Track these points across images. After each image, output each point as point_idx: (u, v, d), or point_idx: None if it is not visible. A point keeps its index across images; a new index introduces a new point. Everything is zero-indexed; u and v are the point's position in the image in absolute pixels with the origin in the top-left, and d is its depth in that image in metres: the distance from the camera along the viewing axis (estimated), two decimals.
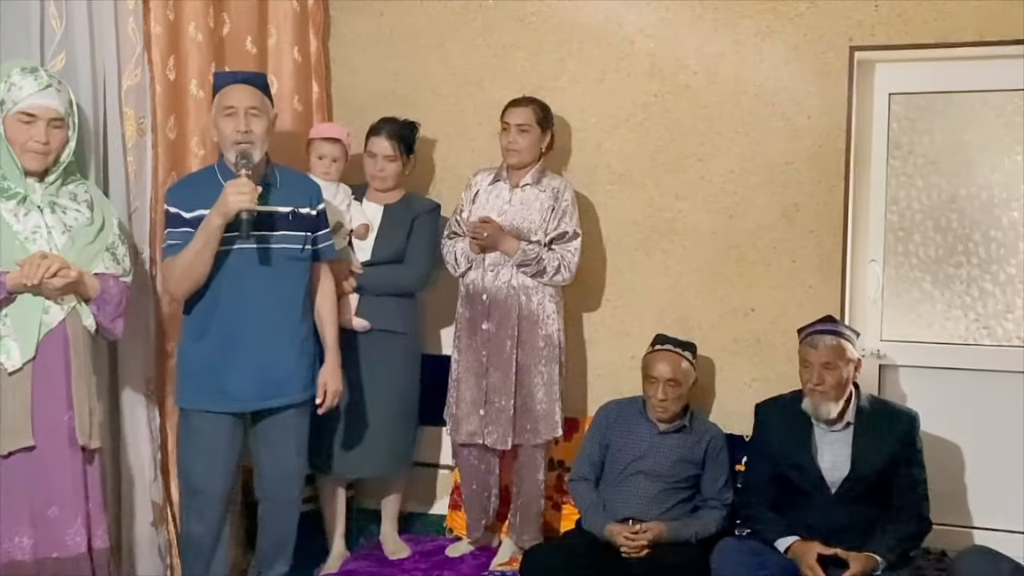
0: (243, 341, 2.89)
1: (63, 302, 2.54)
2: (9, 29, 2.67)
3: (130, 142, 2.98)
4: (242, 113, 2.85)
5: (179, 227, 2.83)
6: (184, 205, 2.84)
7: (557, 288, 3.46)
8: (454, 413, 3.50)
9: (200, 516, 2.96)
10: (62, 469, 2.57)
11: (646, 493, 3.15)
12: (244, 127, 2.84)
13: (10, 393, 2.48)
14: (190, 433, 2.96)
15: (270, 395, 2.95)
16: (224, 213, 2.74)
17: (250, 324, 2.89)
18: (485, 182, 3.52)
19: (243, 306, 2.88)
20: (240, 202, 2.72)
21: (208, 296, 2.88)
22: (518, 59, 3.78)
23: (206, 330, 2.89)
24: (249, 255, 2.87)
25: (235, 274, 2.87)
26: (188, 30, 3.20)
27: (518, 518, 3.56)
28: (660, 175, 3.65)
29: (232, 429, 2.94)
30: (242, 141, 2.84)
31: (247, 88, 2.90)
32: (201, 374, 2.91)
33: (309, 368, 3.04)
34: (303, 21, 3.74)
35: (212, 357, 2.89)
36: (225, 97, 2.88)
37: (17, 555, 2.53)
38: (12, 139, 2.50)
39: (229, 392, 2.89)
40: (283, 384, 2.96)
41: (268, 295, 2.91)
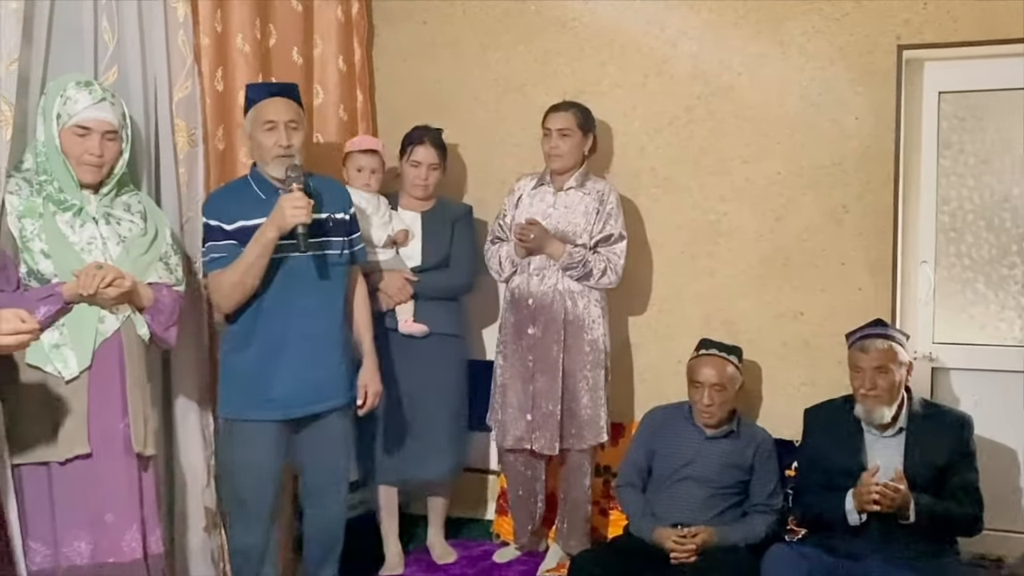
0: (287, 348, 2.91)
1: (118, 311, 2.57)
2: (62, 43, 2.70)
3: (181, 153, 3.02)
4: (283, 127, 2.88)
5: (221, 239, 2.85)
6: (224, 218, 2.86)
7: (602, 292, 3.44)
8: (500, 419, 3.50)
9: (247, 527, 2.98)
10: (118, 476, 2.60)
11: (694, 499, 3.12)
12: (286, 141, 2.87)
13: (67, 401, 2.51)
14: (234, 444, 2.97)
15: (314, 400, 2.97)
16: (281, 227, 2.77)
17: (294, 331, 2.91)
18: (528, 186, 3.52)
19: (287, 314, 2.90)
20: (297, 216, 2.75)
21: (251, 306, 2.90)
22: (559, 64, 3.78)
23: (250, 339, 2.91)
24: (293, 263, 2.89)
25: (279, 283, 2.89)
26: (235, 41, 3.24)
27: (565, 524, 3.55)
28: (704, 178, 3.63)
29: (277, 437, 2.96)
30: (283, 155, 2.87)
31: (285, 101, 2.92)
32: (245, 384, 2.92)
33: (350, 371, 3.07)
34: (347, 31, 3.78)
35: (257, 366, 2.91)
36: (264, 111, 2.90)
37: (75, 560, 2.56)
38: (68, 152, 2.54)
39: (274, 400, 2.91)
40: (326, 388, 2.99)
41: (311, 301, 2.93)
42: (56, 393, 2.50)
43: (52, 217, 2.53)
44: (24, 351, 2.42)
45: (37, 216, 2.51)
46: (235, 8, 3.24)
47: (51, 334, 2.48)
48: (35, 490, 2.53)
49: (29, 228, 2.49)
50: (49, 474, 2.54)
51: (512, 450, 3.51)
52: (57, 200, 2.55)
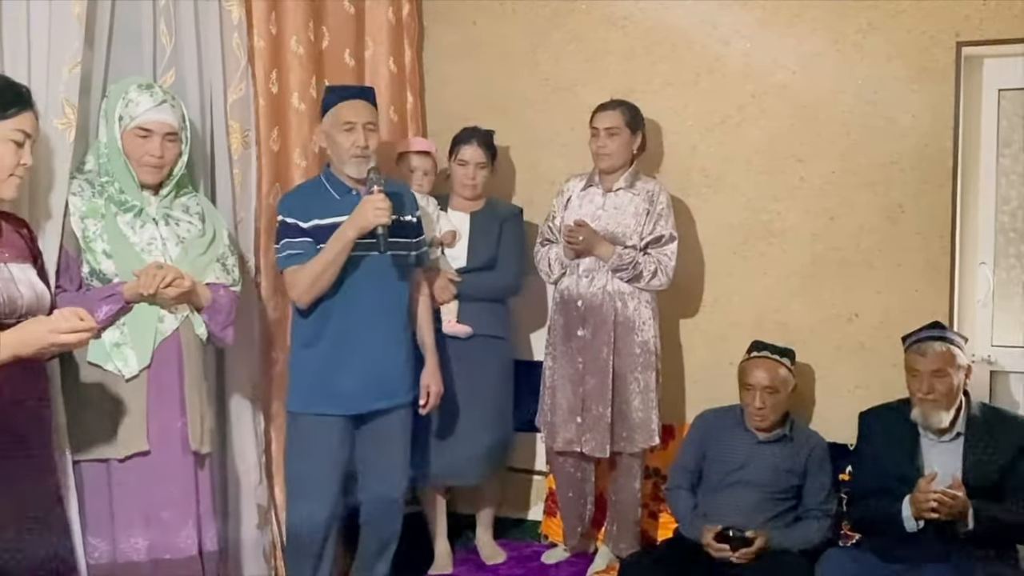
0: (355, 345, 2.96)
1: (177, 311, 2.61)
2: (122, 47, 2.75)
3: (236, 154, 3.05)
4: (361, 128, 2.92)
5: (297, 236, 2.91)
6: (300, 215, 2.92)
7: (653, 294, 3.42)
8: (549, 420, 3.50)
9: (309, 520, 3.01)
10: (175, 473, 2.63)
11: (746, 503, 3.09)
12: (364, 142, 2.92)
13: (127, 399, 2.55)
14: (300, 438, 3.02)
15: (379, 397, 3.01)
16: (362, 227, 2.82)
17: (361, 329, 2.96)
18: (577, 187, 3.51)
19: (355, 312, 2.95)
20: (379, 217, 2.80)
21: (321, 304, 2.95)
22: (610, 63, 3.77)
23: (319, 336, 2.97)
24: (364, 263, 2.94)
25: (350, 281, 2.94)
26: (290, 43, 3.27)
27: (615, 526, 3.53)
28: (757, 177, 3.60)
29: (342, 432, 3.00)
30: (360, 156, 2.92)
31: (364, 103, 2.98)
32: (313, 379, 2.98)
33: (413, 370, 3.11)
34: (398, 33, 3.80)
35: (324, 362, 2.96)
36: (343, 112, 2.95)
37: (133, 556, 2.60)
38: (129, 153, 2.58)
39: (341, 395, 2.96)
40: (391, 386, 3.03)
41: (378, 301, 2.98)
42: (116, 391, 2.54)
43: (114, 218, 2.57)
44: (85, 349, 2.46)
45: (99, 217, 2.55)
46: (289, 10, 3.26)
47: (112, 333, 2.51)
48: (94, 486, 2.58)
49: (91, 228, 2.54)
50: (108, 471, 2.58)
51: (562, 452, 3.50)
52: (118, 201, 2.59)
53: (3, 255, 2.12)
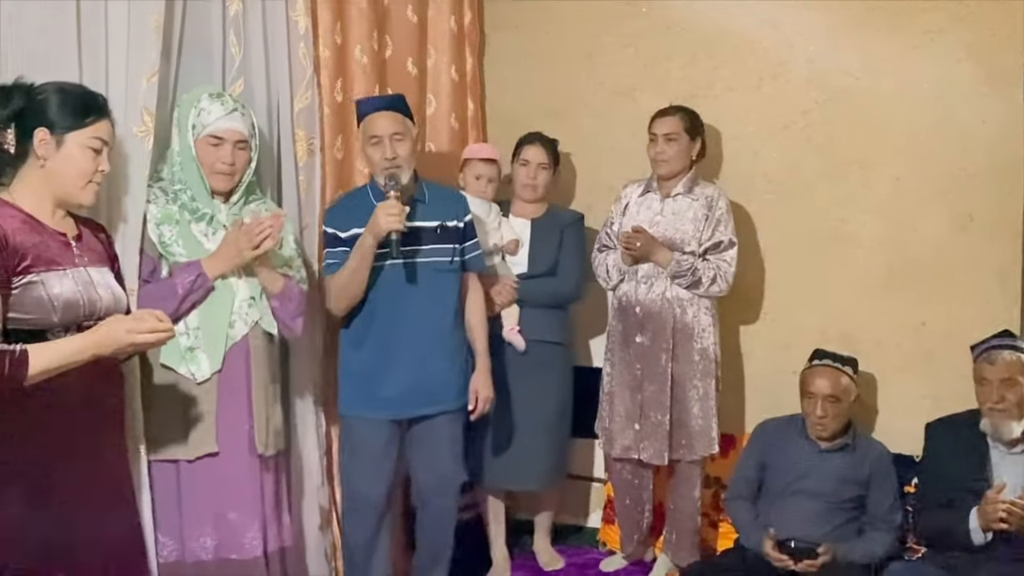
0: (398, 350, 2.98)
1: (247, 316, 2.67)
2: (193, 57, 2.81)
3: (301, 162, 3.10)
4: (387, 140, 2.94)
5: (336, 247, 2.96)
6: (339, 225, 2.97)
7: (712, 300, 3.40)
8: (607, 427, 3.49)
9: (360, 520, 3.05)
10: (242, 475, 2.68)
11: (808, 513, 3.05)
12: (391, 154, 2.93)
13: (198, 402, 2.61)
14: (350, 439, 3.07)
15: (425, 402, 3.02)
16: (376, 233, 2.84)
17: (405, 334, 2.98)
18: (635, 193, 3.50)
19: (398, 317, 2.97)
20: (390, 223, 2.81)
21: (365, 308, 2.99)
22: (670, 68, 3.75)
23: (364, 340, 3.00)
24: (402, 269, 2.96)
25: (390, 287, 2.97)
26: (354, 53, 3.31)
27: (674, 535, 3.51)
28: (821, 183, 3.56)
29: (389, 435, 3.02)
30: (390, 167, 2.93)
31: (389, 114, 2.98)
32: (359, 382, 3.01)
33: (461, 375, 3.11)
34: (460, 41, 3.83)
35: (369, 366, 2.99)
36: (370, 126, 2.98)
37: (201, 555, 2.66)
38: (202, 161, 2.64)
39: (386, 399, 2.98)
40: (437, 391, 3.04)
41: (421, 306, 2.99)
42: (188, 394, 2.60)
43: (187, 225, 2.64)
44: (160, 352, 2.54)
45: (174, 223, 2.62)
46: (354, 20, 3.31)
47: (186, 338, 2.58)
48: (164, 486, 2.64)
49: (167, 234, 2.60)
50: (178, 471, 2.64)
51: (620, 459, 3.49)
52: (191, 208, 2.65)
53: (83, 259, 2.19)
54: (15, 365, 1.96)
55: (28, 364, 1.97)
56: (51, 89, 2.15)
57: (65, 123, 2.13)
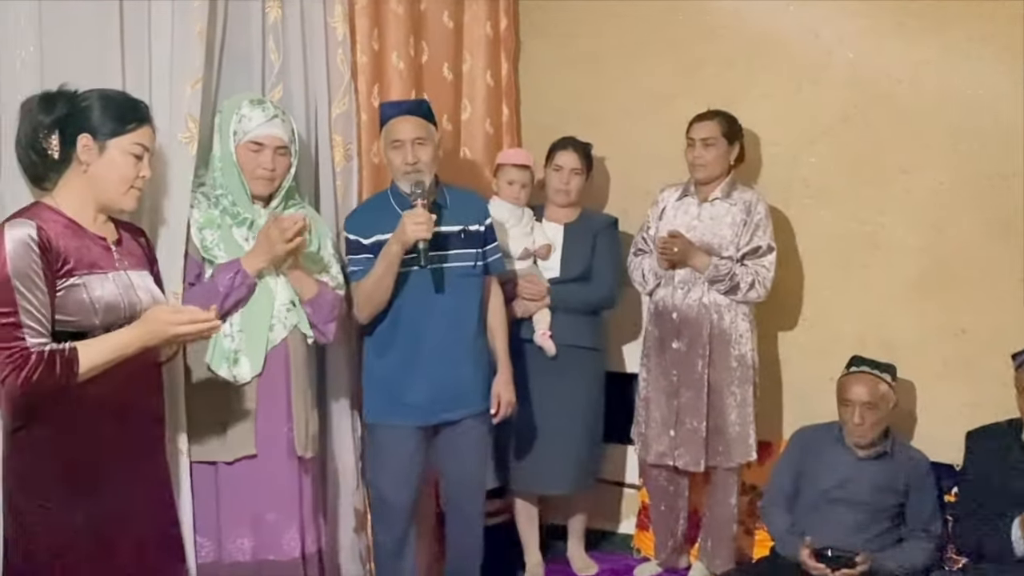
0: (423, 356, 2.97)
1: (286, 320, 2.70)
2: (233, 63, 2.85)
3: (339, 167, 3.13)
4: (408, 145, 2.94)
5: (359, 253, 2.95)
6: (362, 232, 2.96)
7: (751, 306, 3.37)
8: (643, 433, 3.48)
9: (387, 526, 3.06)
10: (280, 477, 2.71)
11: (846, 522, 3.02)
12: (412, 158, 2.93)
13: (238, 404, 2.64)
14: (376, 446, 3.07)
15: (450, 407, 3.02)
16: (403, 242, 2.84)
17: (429, 340, 2.97)
18: (672, 198, 3.49)
19: (422, 323, 2.97)
20: (418, 232, 2.80)
21: (390, 315, 2.98)
22: (708, 74, 3.73)
23: (388, 347, 3.00)
24: (426, 275, 2.95)
25: (414, 294, 2.96)
26: (391, 59, 3.34)
27: (709, 542, 3.49)
28: (861, 188, 3.51)
29: (415, 441, 3.02)
30: (411, 171, 2.93)
31: (411, 119, 2.98)
32: (384, 389, 3.01)
33: (485, 379, 3.11)
34: (495, 47, 3.84)
35: (394, 372, 2.99)
36: (392, 131, 2.98)
37: (238, 557, 2.69)
38: (243, 166, 2.68)
39: (411, 406, 2.98)
40: (462, 396, 3.03)
41: (445, 312, 2.98)
42: (228, 396, 2.63)
43: (229, 229, 2.67)
44: (204, 354, 2.57)
45: (216, 227, 2.66)
46: (391, 27, 3.34)
47: (229, 340, 2.61)
48: (203, 487, 2.67)
49: (209, 239, 2.64)
50: (216, 473, 2.67)
51: (655, 465, 3.48)
52: (232, 213, 2.69)
53: (123, 263, 2.23)
54: (67, 363, 2.02)
55: (79, 361, 2.03)
56: (94, 96, 2.20)
57: (107, 129, 2.17)
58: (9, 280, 2.00)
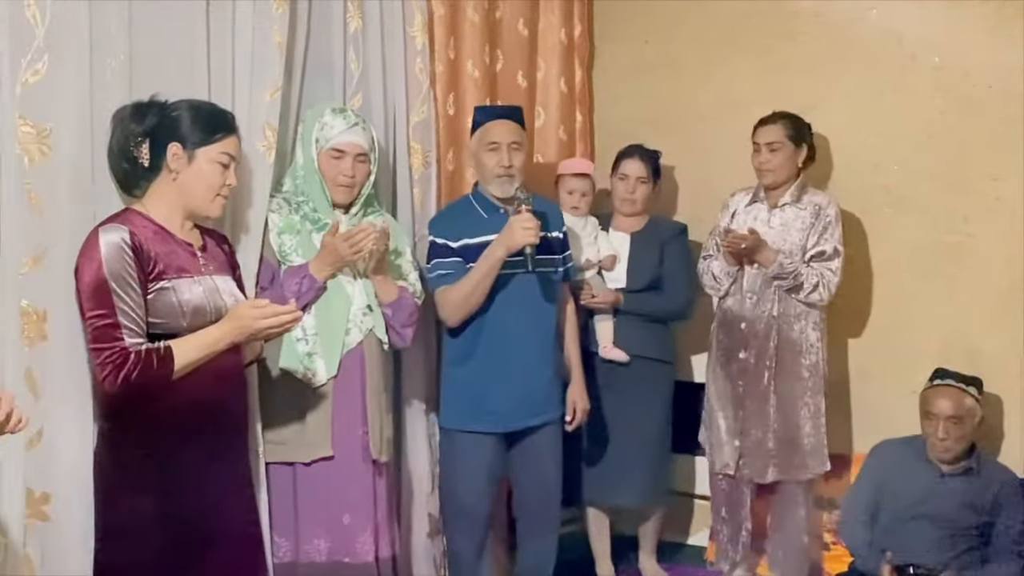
0: (505, 363, 2.97)
1: (363, 324, 2.73)
2: (315, 73, 2.91)
3: (416, 174, 3.17)
4: (505, 148, 2.95)
5: (448, 257, 2.95)
6: (450, 236, 2.96)
7: (821, 315, 3.31)
8: (709, 443, 3.44)
9: (466, 534, 3.06)
10: (356, 480, 2.74)
11: (928, 539, 2.94)
12: (508, 162, 2.94)
13: (314, 406, 2.68)
14: (454, 453, 3.06)
15: (530, 414, 3.02)
16: (509, 247, 2.83)
17: (512, 347, 2.97)
18: (743, 202, 3.44)
19: (506, 330, 2.96)
20: (527, 237, 2.81)
21: (474, 322, 2.98)
22: (788, 79, 3.67)
23: (471, 353, 3.00)
24: (512, 281, 2.95)
25: (499, 300, 2.96)
26: (467, 67, 3.38)
27: (780, 555, 3.43)
28: (945, 196, 3.42)
29: (494, 449, 3.02)
30: (504, 175, 2.94)
31: (509, 123, 3.00)
32: (466, 395, 3.01)
33: (561, 386, 3.11)
34: (569, 53, 3.85)
35: (477, 378, 2.99)
36: (488, 132, 2.99)
37: (314, 557, 2.72)
38: (324, 173, 2.72)
39: (493, 413, 2.98)
40: (540, 403, 3.03)
41: (528, 318, 2.99)
42: (305, 398, 2.67)
43: (308, 235, 2.72)
44: (280, 356, 2.62)
45: (295, 233, 2.71)
46: (467, 35, 3.38)
47: (304, 343, 2.65)
48: (281, 487, 2.72)
49: (288, 244, 2.69)
50: (294, 474, 2.71)
51: (720, 475, 3.43)
52: (312, 219, 2.73)
53: (208, 268, 2.29)
54: (163, 361, 2.09)
55: (174, 359, 2.10)
56: (183, 106, 2.27)
57: (196, 139, 2.24)
58: (106, 282, 2.07)
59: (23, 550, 2.14)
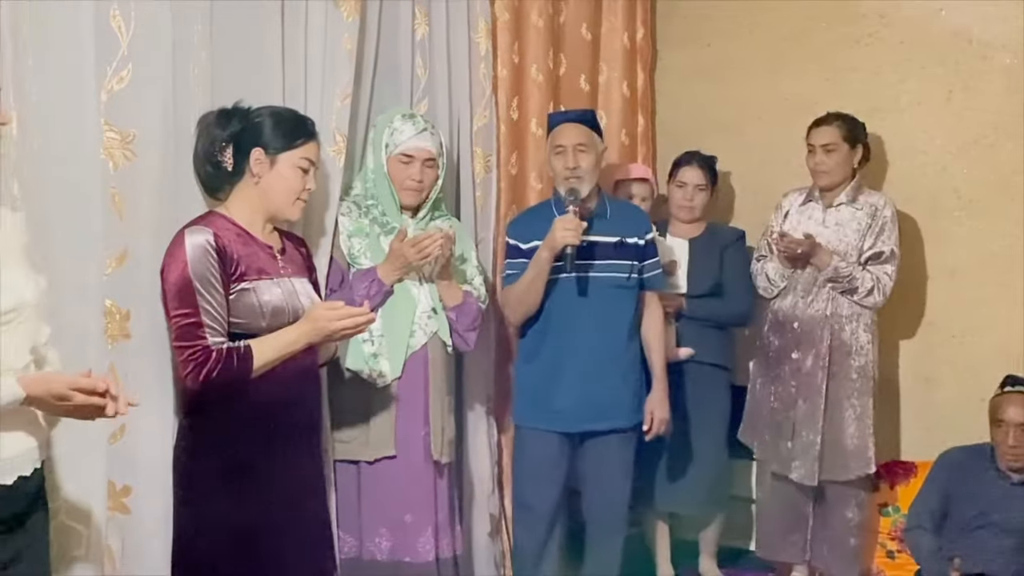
0: (570, 364, 2.98)
1: (427, 327, 2.78)
2: (383, 79, 2.96)
3: (478, 178, 3.21)
4: (570, 150, 2.97)
5: (516, 258, 3.00)
6: (521, 237, 3.01)
7: (872, 318, 3.27)
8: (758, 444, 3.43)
9: (528, 530, 3.09)
10: (417, 480, 2.78)
11: (998, 549, 2.89)
12: (572, 163, 2.96)
13: (378, 406, 2.73)
14: (521, 449, 3.11)
15: (594, 418, 3.00)
16: (552, 247, 2.86)
17: (577, 348, 2.98)
18: (796, 202, 3.42)
19: (570, 331, 2.98)
20: (566, 238, 2.82)
21: (540, 320, 3.01)
22: (853, 81, 3.64)
23: (537, 352, 3.03)
24: (577, 283, 2.97)
25: (564, 300, 2.98)
26: (530, 72, 3.41)
27: (824, 548, 3.39)
28: (1018, 200, 3.35)
29: (559, 448, 3.03)
30: (570, 177, 2.96)
31: (576, 126, 3.02)
32: (532, 393, 3.05)
33: (635, 395, 3.07)
34: (632, 57, 3.86)
35: (542, 378, 3.02)
36: (556, 136, 3.02)
37: (376, 555, 2.77)
38: (393, 178, 2.77)
39: (556, 412, 2.99)
40: (608, 409, 3.01)
41: (594, 321, 2.98)
42: (369, 398, 2.73)
43: (377, 238, 2.77)
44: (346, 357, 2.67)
45: (364, 236, 2.76)
46: (531, 40, 3.41)
47: (369, 344, 2.70)
48: (346, 485, 2.77)
49: (357, 246, 2.75)
50: (358, 472, 2.76)
51: (776, 477, 3.41)
52: (381, 223, 2.79)
53: (287, 270, 2.35)
54: (243, 360, 2.15)
55: (254, 358, 2.16)
56: (266, 113, 2.33)
57: (278, 144, 2.30)
58: (191, 282, 2.14)
59: (104, 542, 2.21)
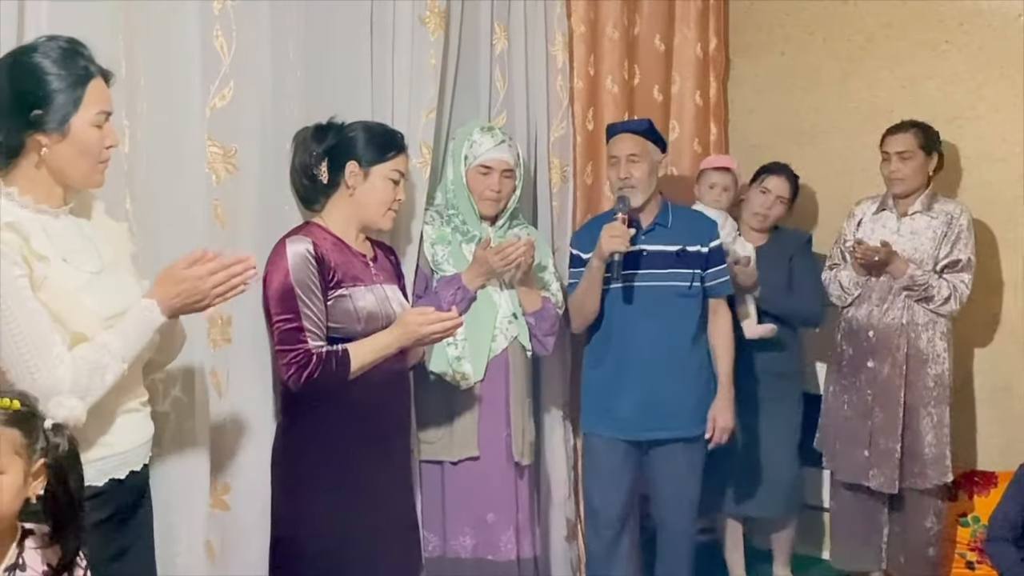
0: (633, 372, 3.01)
1: (508, 332, 2.85)
2: (463, 92, 3.05)
3: (555, 188, 3.27)
4: (623, 161, 3.00)
5: (578, 267, 3.05)
6: (582, 247, 3.05)
7: (948, 326, 3.25)
8: (834, 453, 3.42)
9: (597, 534, 3.12)
10: (499, 480, 2.85)
11: None
12: (624, 174, 2.99)
13: (461, 408, 2.81)
14: (589, 456, 3.16)
15: (657, 426, 3.02)
16: (600, 255, 2.90)
17: (639, 356, 3.00)
18: (870, 210, 3.41)
19: (632, 339, 3.01)
20: (612, 245, 2.85)
21: (603, 328, 3.06)
22: (929, 89, 3.62)
23: (601, 359, 3.07)
24: (638, 292, 3.00)
25: (626, 309, 3.01)
26: (606, 83, 3.46)
27: (901, 557, 3.38)
28: None
29: (625, 455, 3.06)
30: (623, 186, 3.00)
31: (629, 136, 3.04)
32: (596, 400, 3.08)
33: (700, 402, 3.07)
34: (704, 67, 3.89)
35: (606, 384, 3.05)
36: (611, 147, 3.07)
37: (460, 553, 2.84)
38: (472, 188, 2.86)
39: (620, 419, 3.02)
40: (671, 417, 3.02)
41: (655, 330, 3.00)
42: (454, 401, 2.81)
43: (459, 246, 2.87)
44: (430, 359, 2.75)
45: (447, 244, 2.86)
46: (606, 52, 3.46)
47: (453, 348, 2.78)
48: (430, 485, 2.86)
49: (440, 253, 2.84)
50: (442, 472, 2.84)
51: (849, 486, 3.40)
52: (462, 231, 2.88)
53: (379, 277, 2.45)
54: (341, 363, 2.26)
55: (351, 362, 2.26)
56: (359, 127, 2.44)
57: (370, 157, 2.41)
58: (292, 288, 2.26)
59: (205, 537, 2.31)
